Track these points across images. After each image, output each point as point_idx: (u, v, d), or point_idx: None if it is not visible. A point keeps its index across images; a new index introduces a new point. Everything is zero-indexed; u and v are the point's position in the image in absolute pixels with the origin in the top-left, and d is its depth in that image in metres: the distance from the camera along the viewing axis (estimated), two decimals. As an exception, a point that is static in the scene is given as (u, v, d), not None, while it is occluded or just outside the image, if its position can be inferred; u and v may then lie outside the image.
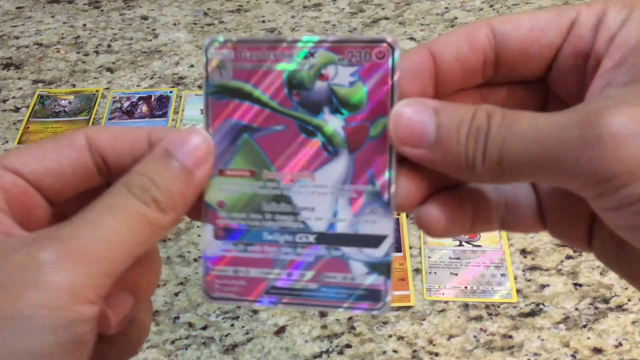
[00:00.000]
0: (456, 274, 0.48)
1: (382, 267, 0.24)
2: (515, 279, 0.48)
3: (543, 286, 0.47)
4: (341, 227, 0.24)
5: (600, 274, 0.48)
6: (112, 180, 0.23)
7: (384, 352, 0.44)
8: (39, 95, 0.64)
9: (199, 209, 0.24)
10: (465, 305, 0.46)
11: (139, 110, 0.62)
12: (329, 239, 0.24)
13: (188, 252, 0.51)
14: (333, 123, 0.23)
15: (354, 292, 0.24)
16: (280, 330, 0.46)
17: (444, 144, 0.21)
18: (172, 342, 0.45)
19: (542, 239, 0.50)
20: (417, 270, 0.49)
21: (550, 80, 0.24)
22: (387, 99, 0.23)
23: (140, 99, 0.63)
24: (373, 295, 0.24)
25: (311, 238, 0.24)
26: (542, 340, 0.44)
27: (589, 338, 0.44)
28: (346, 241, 0.24)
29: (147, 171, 0.22)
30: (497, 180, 0.22)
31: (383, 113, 0.23)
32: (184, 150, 0.23)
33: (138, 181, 0.22)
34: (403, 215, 0.52)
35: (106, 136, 0.24)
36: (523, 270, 0.48)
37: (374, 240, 0.24)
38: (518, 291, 0.47)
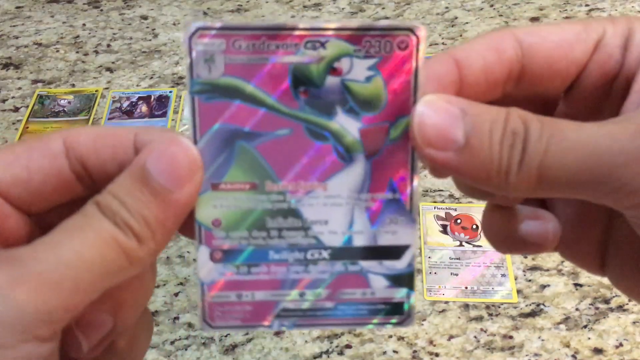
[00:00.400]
0: (456, 274, 0.48)
1: (404, 279, 0.22)
2: (515, 279, 0.48)
3: (543, 286, 0.47)
4: (358, 240, 0.21)
5: (601, 274, 0.48)
6: (98, 190, 0.20)
7: (384, 353, 0.44)
8: (38, 95, 0.64)
9: (191, 226, 0.21)
10: (466, 306, 0.46)
11: (138, 110, 0.62)
12: (345, 253, 0.21)
13: (188, 252, 0.51)
14: (347, 125, 0.20)
15: (375, 308, 0.22)
16: (280, 331, 0.46)
17: (475, 147, 0.19)
18: (172, 343, 0.45)
19: (543, 239, 0.50)
20: (418, 271, 0.48)
21: (568, 98, 0.23)
22: (409, 96, 0.20)
23: (139, 98, 0.63)
24: (396, 309, 0.22)
25: (325, 254, 0.21)
26: (543, 340, 0.44)
27: (589, 338, 0.44)
28: (364, 255, 0.21)
29: (119, 192, 0.19)
30: (530, 193, 0.20)
31: (405, 112, 0.20)
32: (163, 166, 0.19)
33: (108, 202, 0.19)
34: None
35: (87, 139, 0.21)
36: (523, 271, 0.48)
37: (395, 252, 0.21)
38: (518, 291, 0.47)
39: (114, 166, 0.21)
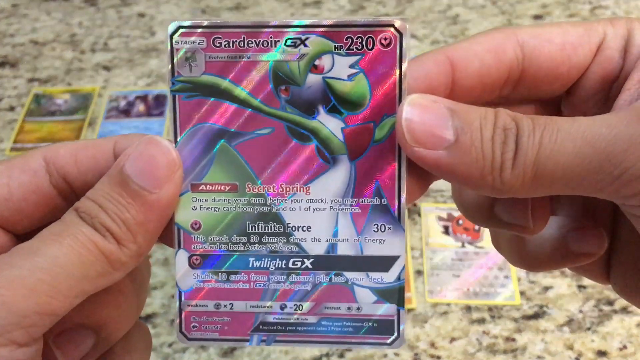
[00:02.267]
0: (458, 276, 0.47)
1: (393, 294, 0.20)
2: (518, 281, 0.47)
3: (547, 288, 0.47)
4: (343, 249, 0.20)
5: (605, 275, 0.47)
6: None
7: (385, 356, 0.43)
8: (34, 94, 0.63)
9: (170, 232, 0.21)
10: (468, 308, 0.46)
11: (135, 110, 0.61)
12: (329, 262, 0.20)
13: (186, 253, 0.50)
14: (330, 125, 0.20)
15: (362, 325, 0.20)
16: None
17: (466, 144, 0.18)
18: (170, 345, 0.45)
19: (546, 240, 0.50)
20: (419, 272, 0.48)
21: (568, 102, 0.22)
22: (394, 94, 0.19)
23: (137, 98, 0.62)
24: (384, 328, 0.20)
25: (307, 263, 0.20)
26: (546, 343, 0.44)
27: (593, 341, 0.44)
28: (350, 265, 0.20)
29: (98, 196, 0.19)
30: (526, 192, 0.19)
31: (390, 111, 0.20)
32: (141, 166, 0.19)
33: (87, 208, 0.19)
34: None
35: (66, 152, 0.21)
36: (526, 272, 0.48)
37: (383, 263, 0.20)
38: (521, 293, 0.46)
39: (95, 177, 0.20)
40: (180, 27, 0.20)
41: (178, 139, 0.20)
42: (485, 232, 0.50)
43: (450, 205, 0.52)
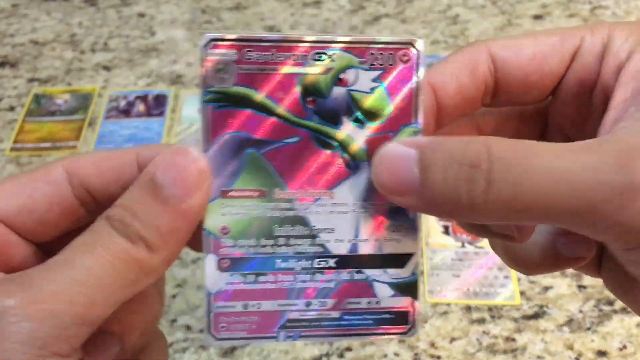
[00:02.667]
0: (458, 276, 0.47)
1: (408, 288, 0.22)
2: (518, 281, 0.47)
3: (547, 288, 0.47)
4: (364, 248, 0.22)
5: (605, 275, 0.47)
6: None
7: (385, 356, 0.43)
8: (34, 94, 0.63)
9: (199, 238, 0.21)
10: (468, 308, 0.46)
11: (135, 110, 0.61)
12: (351, 261, 0.22)
13: (186, 253, 0.50)
14: (353, 134, 0.21)
15: (380, 317, 0.22)
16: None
17: (432, 185, 0.19)
18: (170, 345, 0.45)
19: (546, 240, 0.50)
20: (419, 272, 0.48)
21: (551, 109, 0.23)
22: (411, 105, 0.21)
23: (137, 98, 0.62)
24: (401, 319, 0.22)
25: (331, 262, 0.22)
26: (546, 343, 0.44)
27: (593, 341, 0.44)
28: (370, 263, 0.22)
29: (130, 204, 0.19)
30: (505, 220, 0.20)
31: (407, 122, 0.21)
32: (172, 175, 0.19)
33: (119, 215, 0.19)
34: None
35: (87, 164, 0.21)
36: (526, 272, 0.48)
37: (400, 260, 0.22)
38: (521, 293, 0.46)
39: (118, 187, 0.21)
40: (212, 39, 0.20)
41: (209, 147, 0.21)
42: (485, 232, 0.50)
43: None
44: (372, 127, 0.21)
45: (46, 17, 0.73)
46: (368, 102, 0.21)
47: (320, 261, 0.22)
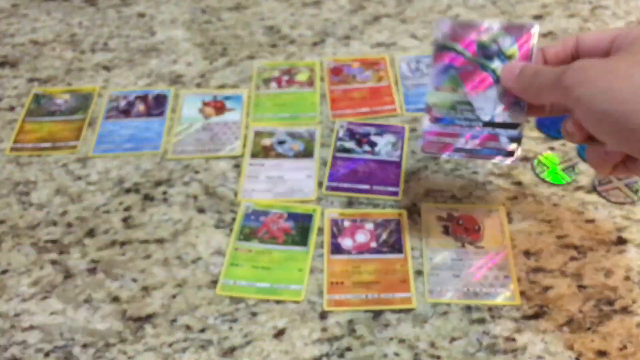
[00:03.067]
0: (458, 276, 0.47)
1: (516, 140, 0.44)
2: (518, 281, 0.47)
3: (547, 288, 0.47)
4: (497, 118, 0.44)
5: (605, 275, 0.47)
6: None
7: (385, 356, 0.43)
8: (34, 94, 0.63)
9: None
10: (468, 308, 0.46)
11: (135, 109, 0.61)
12: (490, 124, 0.44)
13: (186, 253, 0.50)
14: (498, 65, 0.44)
15: (499, 151, 0.44)
16: (279, 333, 0.45)
17: (521, 76, 0.42)
18: (170, 345, 0.45)
19: (546, 241, 0.50)
20: (419, 272, 0.48)
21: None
22: (528, 54, 0.44)
23: (137, 97, 0.62)
24: (510, 154, 0.44)
25: (480, 123, 0.44)
26: (546, 343, 0.44)
27: (593, 341, 0.44)
28: (499, 125, 0.44)
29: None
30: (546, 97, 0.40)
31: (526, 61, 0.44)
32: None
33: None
34: (404, 216, 0.51)
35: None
36: (526, 272, 0.48)
37: (514, 125, 0.44)
38: (521, 293, 0.46)
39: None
40: (441, 21, 0.45)
41: (433, 68, 0.45)
42: (485, 232, 0.50)
43: (450, 206, 0.52)
44: (508, 63, 0.44)
45: (46, 17, 0.72)
46: (507, 51, 0.44)
47: (475, 122, 0.44)
